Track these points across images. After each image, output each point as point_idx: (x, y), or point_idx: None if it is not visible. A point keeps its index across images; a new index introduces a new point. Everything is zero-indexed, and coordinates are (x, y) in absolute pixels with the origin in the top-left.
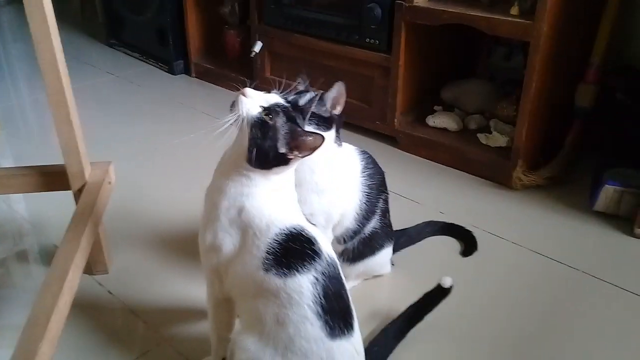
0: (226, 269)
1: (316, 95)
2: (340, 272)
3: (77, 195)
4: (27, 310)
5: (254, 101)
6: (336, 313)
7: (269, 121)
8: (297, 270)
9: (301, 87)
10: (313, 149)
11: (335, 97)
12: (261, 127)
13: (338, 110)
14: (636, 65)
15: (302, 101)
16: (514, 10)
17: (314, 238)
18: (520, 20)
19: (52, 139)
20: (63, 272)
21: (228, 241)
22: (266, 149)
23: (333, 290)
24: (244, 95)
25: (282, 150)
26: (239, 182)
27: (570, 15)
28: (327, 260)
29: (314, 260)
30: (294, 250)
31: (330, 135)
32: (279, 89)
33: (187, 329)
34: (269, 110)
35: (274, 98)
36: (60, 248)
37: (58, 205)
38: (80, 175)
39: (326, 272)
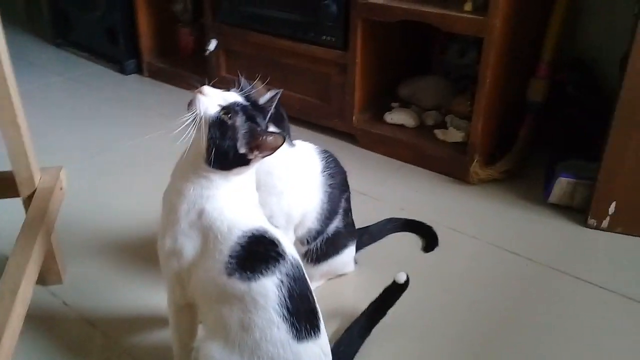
0: (188, 274)
1: (277, 93)
2: (305, 273)
3: (27, 202)
4: None
5: (212, 100)
6: (302, 315)
7: (228, 120)
8: (262, 274)
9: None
10: (274, 148)
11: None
12: (220, 127)
13: None
14: (585, 60)
15: (263, 100)
16: (468, 6)
17: (277, 240)
18: (474, 17)
19: None
20: (15, 284)
21: (189, 245)
22: (225, 149)
23: (298, 292)
24: (201, 93)
25: (242, 150)
26: (198, 184)
27: (522, 11)
28: (291, 262)
29: (278, 262)
30: (257, 253)
31: None
32: (237, 88)
33: (148, 338)
34: (227, 109)
35: (232, 97)
36: (10, 259)
37: (7, 214)
38: (30, 182)
39: (291, 274)
